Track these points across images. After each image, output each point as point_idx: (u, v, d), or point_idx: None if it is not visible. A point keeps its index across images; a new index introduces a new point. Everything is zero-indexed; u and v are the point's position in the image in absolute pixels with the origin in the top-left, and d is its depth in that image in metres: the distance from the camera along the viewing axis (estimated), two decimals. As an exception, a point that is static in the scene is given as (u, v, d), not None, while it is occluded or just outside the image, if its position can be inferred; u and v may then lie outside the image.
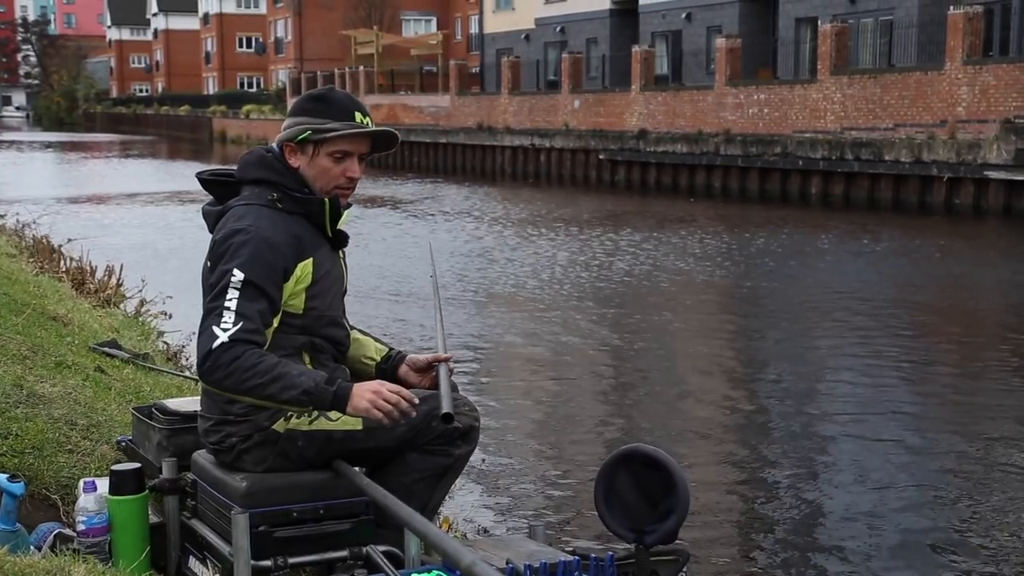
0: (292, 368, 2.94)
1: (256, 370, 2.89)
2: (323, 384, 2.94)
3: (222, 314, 2.94)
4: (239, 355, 2.90)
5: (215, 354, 2.90)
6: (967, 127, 23.19)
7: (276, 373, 2.90)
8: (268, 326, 3.01)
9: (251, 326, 2.93)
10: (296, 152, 3.15)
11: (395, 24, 65.93)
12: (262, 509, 2.98)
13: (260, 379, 2.89)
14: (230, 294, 2.95)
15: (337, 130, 3.10)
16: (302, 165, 3.15)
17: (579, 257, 17.43)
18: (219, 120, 65.14)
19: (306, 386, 2.92)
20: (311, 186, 3.15)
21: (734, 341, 11.65)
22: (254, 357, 2.91)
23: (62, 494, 3.74)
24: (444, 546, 2.45)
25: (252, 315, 2.94)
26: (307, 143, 3.13)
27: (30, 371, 4.67)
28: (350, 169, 3.15)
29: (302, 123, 3.14)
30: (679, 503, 3.10)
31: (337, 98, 3.17)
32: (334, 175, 3.15)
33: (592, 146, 33.23)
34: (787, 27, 34.25)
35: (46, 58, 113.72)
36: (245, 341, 2.92)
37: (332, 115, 3.12)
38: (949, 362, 10.53)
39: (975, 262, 17.22)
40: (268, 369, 2.90)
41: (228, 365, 2.90)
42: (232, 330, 2.91)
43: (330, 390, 2.93)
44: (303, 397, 2.92)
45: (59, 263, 9.52)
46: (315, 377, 2.95)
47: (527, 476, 7.10)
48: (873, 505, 6.54)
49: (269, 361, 2.92)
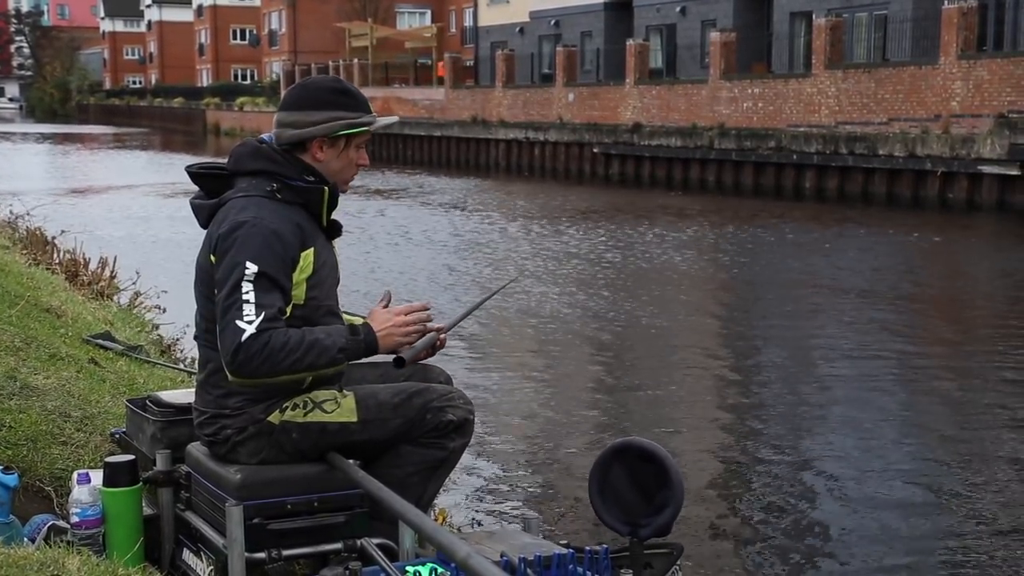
0: (317, 333, 3.01)
1: (288, 347, 2.94)
2: (351, 337, 3.04)
3: (242, 307, 2.93)
4: (268, 340, 2.92)
5: (245, 346, 2.91)
6: (961, 122, 23.20)
7: (308, 343, 2.97)
8: (285, 315, 3.01)
9: (272, 314, 2.96)
10: (324, 146, 3.14)
11: (389, 17, 65.83)
12: (256, 501, 2.98)
13: (296, 354, 2.95)
14: (245, 287, 2.95)
15: (369, 123, 3.16)
16: (330, 159, 3.15)
17: (571, 250, 17.43)
18: (213, 112, 65.02)
19: (340, 344, 3.01)
20: (328, 178, 3.14)
21: (728, 334, 11.66)
22: (282, 336, 2.95)
23: (56, 486, 3.73)
24: (439, 539, 2.44)
25: (269, 304, 2.96)
26: (340, 137, 3.13)
27: (24, 363, 4.66)
28: (363, 157, 3.23)
29: (338, 117, 3.12)
30: (673, 496, 3.10)
31: (357, 90, 3.23)
32: (356, 166, 3.22)
33: (586, 140, 33.21)
34: (781, 21, 34.24)
35: (39, 49, 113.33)
36: (269, 329, 2.94)
37: (359, 108, 3.17)
38: (942, 354, 10.54)
39: (969, 256, 17.25)
40: (299, 342, 2.96)
41: (261, 352, 2.91)
42: (257, 321, 2.93)
43: (359, 339, 3.04)
44: (339, 355, 3.03)
45: (52, 255, 9.48)
46: (342, 333, 3.04)
47: (522, 469, 7.11)
48: (867, 497, 6.56)
49: (295, 335, 2.97)
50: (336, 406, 3.10)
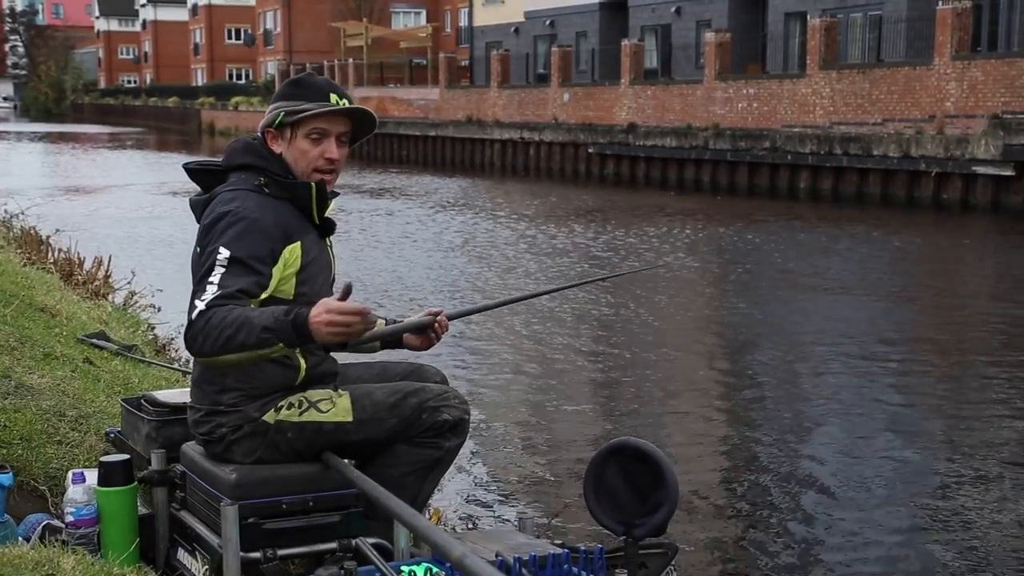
0: (252, 312, 2.87)
1: (224, 322, 2.83)
2: (281, 316, 2.82)
3: (205, 289, 2.92)
4: (211, 316, 2.85)
5: (193, 323, 2.87)
6: (955, 122, 23.24)
7: (240, 320, 2.83)
8: (253, 296, 2.96)
9: (227, 293, 2.90)
10: (277, 138, 3.17)
11: (384, 16, 65.82)
12: (251, 501, 2.98)
13: (229, 330, 2.82)
14: (216, 271, 2.94)
15: (309, 110, 3.11)
16: (283, 150, 3.16)
17: (566, 250, 17.43)
18: (208, 112, 64.95)
19: (265, 323, 2.82)
20: (293, 170, 3.16)
21: (722, 334, 11.67)
22: (223, 312, 2.85)
23: (50, 485, 3.73)
24: (434, 538, 2.44)
25: (230, 284, 2.92)
26: (284, 126, 3.15)
27: (18, 362, 4.66)
28: (328, 150, 3.15)
29: (278, 107, 3.17)
30: (668, 496, 3.11)
31: (313, 81, 3.20)
32: (312, 157, 3.15)
33: (581, 140, 33.21)
34: (776, 22, 34.26)
35: (34, 49, 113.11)
36: (219, 305, 2.88)
37: (307, 97, 3.14)
38: (936, 355, 10.55)
39: (962, 256, 17.27)
40: (235, 319, 2.83)
41: (203, 328, 2.84)
42: (209, 299, 2.89)
43: (287, 320, 2.81)
44: (265, 335, 2.82)
45: (47, 254, 9.47)
46: (274, 313, 2.84)
47: (517, 469, 7.11)
48: (862, 498, 6.57)
49: (235, 311, 2.85)
50: (331, 405, 3.10)
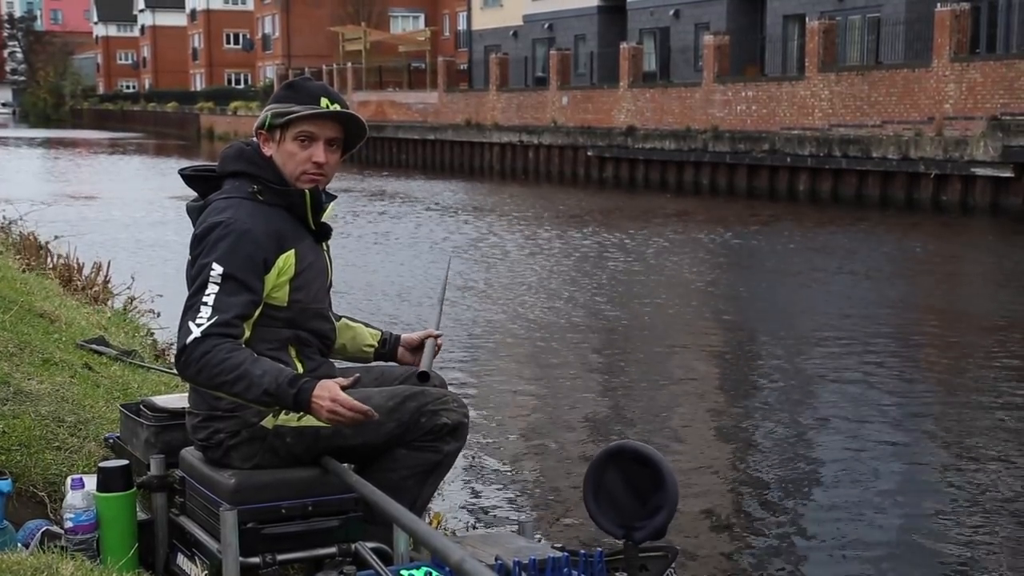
0: (258, 367, 2.88)
1: (223, 367, 2.87)
2: (285, 385, 2.87)
3: (199, 310, 2.93)
4: (209, 350, 2.88)
5: (188, 350, 2.90)
6: (954, 124, 23.25)
7: (241, 371, 2.86)
8: (248, 318, 2.99)
9: (224, 319, 2.91)
10: (268, 140, 3.17)
11: (383, 20, 65.84)
12: (250, 506, 2.98)
13: (226, 376, 2.87)
14: (209, 289, 2.94)
15: (296, 112, 3.10)
16: (273, 153, 3.16)
17: (566, 253, 17.43)
18: (207, 117, 64.97)
19: (267, 386, 2.87)
20: (283, 174, 3.15)
21: (722, 337, 11.67)
22: (223, 352, 2.88)
23: (50, 491, 3.72)
24: (433, 542, 2.44)
25: (227, 308, 2.92)
26: (274, 128, 3.14)
27: (17, 368, 4.65)
28: (316, 154, 3.13)
29: (269, 109, 3.17)
30: (668, 499, 3.10)
31: (305, 85, 3.19)
32: (300, 160, 3.13)
33: (580, 143, 33.23)
34: (775, 24, 34.29)
35: (32, 54, 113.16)
36: (218, 335, 2.90)
37: (297, 100, 3.13)
38: (937, 357, 10.55)
39: (962, 258, 17.26)
40: (235, 367, 2.87)
41: (199, 361, 2.88)
42: (205, 325, 2.90)
43: (290, 392, 2.87)
44: (265, 398, 2.89)
45: (46, 260, 9.47)
46: (278, 377, 2.88)
47: (516, 472, 7.11)
48: (861, 501, 6.56)
49: (237, 357, 2.88)
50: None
